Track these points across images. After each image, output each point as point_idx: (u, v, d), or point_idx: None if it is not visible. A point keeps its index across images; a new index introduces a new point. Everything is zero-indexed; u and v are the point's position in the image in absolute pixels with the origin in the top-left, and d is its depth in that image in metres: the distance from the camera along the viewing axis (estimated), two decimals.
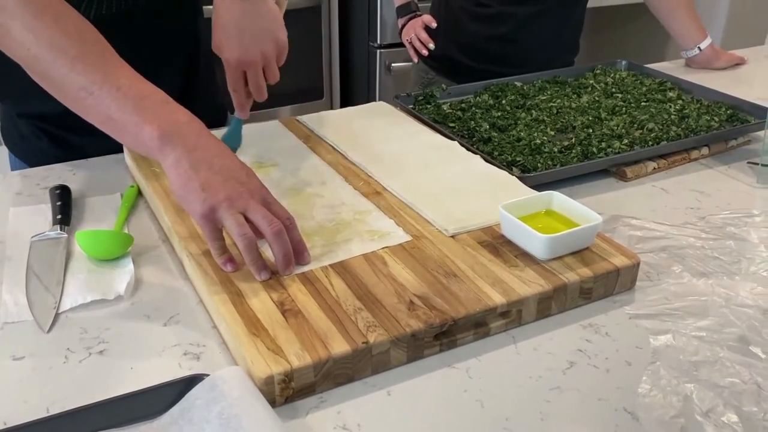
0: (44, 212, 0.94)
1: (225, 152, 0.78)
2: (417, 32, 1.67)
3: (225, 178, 0.75)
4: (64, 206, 0.93)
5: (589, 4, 1.70)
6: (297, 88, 2.82)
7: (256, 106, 1.08)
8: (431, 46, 1.64)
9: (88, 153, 1.12)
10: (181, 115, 0.77)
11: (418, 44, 1.67)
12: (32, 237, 0.87)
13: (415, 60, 1.71)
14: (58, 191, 0.96)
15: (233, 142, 1.02)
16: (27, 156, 1.17)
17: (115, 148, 1.08)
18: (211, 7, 1.00)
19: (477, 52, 1.63)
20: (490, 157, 1.06)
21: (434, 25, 1.65)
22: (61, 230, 0.88)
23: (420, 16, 1.70)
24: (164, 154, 0.75)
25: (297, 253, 0.78)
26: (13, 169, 1.19)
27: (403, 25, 1.75)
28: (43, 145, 1.15)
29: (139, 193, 1.00)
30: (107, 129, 0.78)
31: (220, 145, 0.78)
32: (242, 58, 0.94)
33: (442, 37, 1.67)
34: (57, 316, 0.75)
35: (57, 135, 1.15)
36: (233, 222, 0.74)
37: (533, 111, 1.24)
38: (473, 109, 1.25)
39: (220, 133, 1.14)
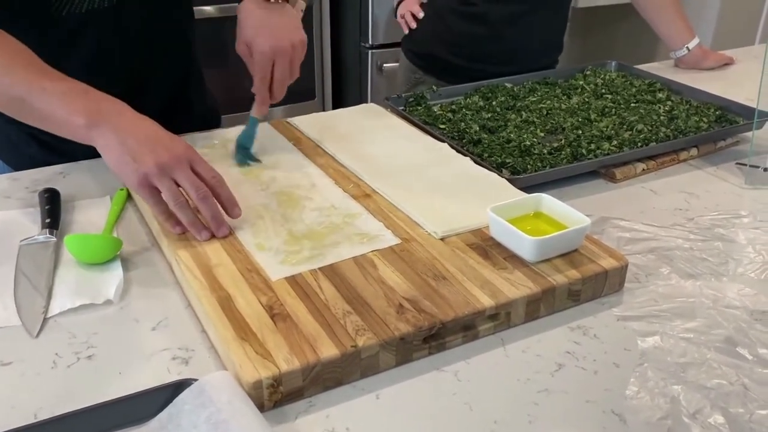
0: (33, 216, 0.94)
1: (146, 123, 0.85)
2: (410, 7, 1.72)
3: (151, 147, 0.81)
4: (53, 210, 0.93)
5: (579, 5, 1.71)
6: (289, 89, 2.81)
7: (248, 107, 1.09)
8: (420, 15, 1.70)
9: (77, 158, 1.12)
10: (102, 101, 0.84)
11: (409, 17, 1.72)
12: (21, 241, 0.87)
13: (406, 31, 1.76)
14: (47, 195, 0.96)
15: (249, 141, 1.06)
16: (16, 163, 1.17)
17: None
18: (202, 7, 1.01)
19: (462, 50, 1.64)
20: (480, 159, 1.06)
21: (421, 14, 1.70)
22: (49, 234, 0.88)
23: None
24: (94, 139, 0.83)
25: (227, 210, 0.85)
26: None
27: (398, 4, 1.79)
28: (33, 151, 1.15)
29: (129, 196, 1.00)
30: (46, 127, 0.86)
31: (141, 119, 0.85)
32: (275, 46, 1.01)
33: (428, 36, 1.69)
34: (45, 320, 0.75)
35: (47, 141, 1.14)
36: (166, 189, 0.81)
37: (523, 112, 1.25)
38: (463, 110, 1.25)
39: (216, 133, 1.15)
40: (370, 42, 2.72)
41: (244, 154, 1.05)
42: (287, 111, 2.75)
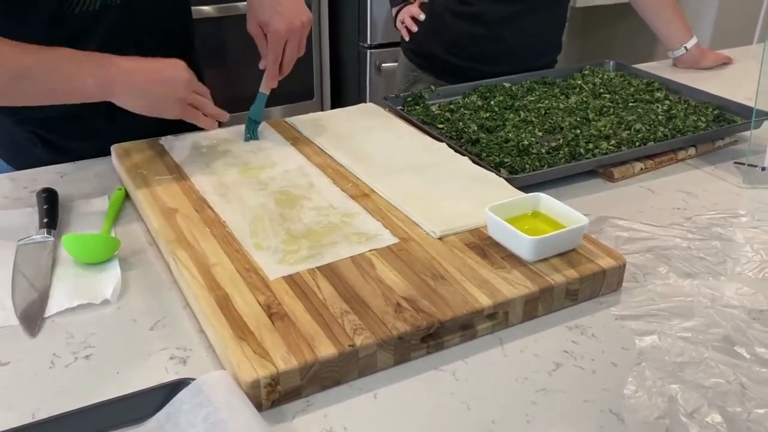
0: (31, 216, 0.94)
1: (151, 66, 0.98)
2: (409, 11, 1.71)
3: (163, 95, 0.98)
4: (51, 210, 0.93)
5: (579, 4, 1.70)
6: (288, 88, 2.79)
7: (247, 106, 1.09)
8: (422, 17, 1.67)
9: (84, 157, 1.12)
10: (105, 60, 0.94)
11: (409, 21, 1.70)
12: (19, 241, 0.87)
13: (407, 38, 1.74)
14: (45, 195, 0.96)
15: (259, 116, 1.14)
16: (20, 164, 1.18)
17: (109, 151, 1.08)
18: (201, 7, 1.03)
19: (460, 50, 1.64)
20: (478, 159, 1.06)
21: (422, 16, 1.68)
22: (47, 234, 0.88)
23: (412, 3, 1.73)
24: (115, 95, 0.95)
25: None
26: None
27: (397, 12, 1.78)
28: (38, 151, 1.16)
29: (127, 196, 1.00)
30: (53, 100, 0.95)
31: (145, 64, 0.98)
32: (290, 25, 1.07)
33: (426, 35, 1.69)
34: (43, 320, 0.75)
35: (52, 140, 1.16)
36: (189, 117, 1.01)
37: (521, 112, 1.25)
38: (462, 110, 1.25)
39: (215, 132, 1.15)
40: (368, 42, 2.71)
41: (255, 128, 1.13)
42: (286, 111, 2.75)
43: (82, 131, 1.14)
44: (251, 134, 1.13)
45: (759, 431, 0.63)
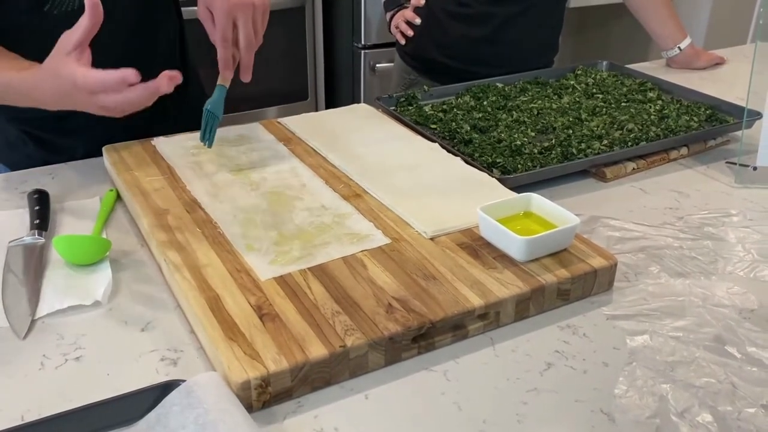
0: (22, 217, 0.94)
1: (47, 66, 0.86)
2: (404, 16, 1.71)
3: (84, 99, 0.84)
4: (42, 211, 0.92)
5: (573, 5, 1.71)
6: (281, 89, 2.82)
7: (241, 107, 1.08)
8: (417, 21, 1.67)
9: (75, 156, 1.12)
10: (61, 86, 0.86)
11: (404, 26, 1.70)
12: (9, 242, 0.86)
13: (402, 42, 1.73)
14: (36, 196, 0.95)
15: (218, 110, 1.01)
16: (13, 162, 1.18)
17: (101, 149, 1.08)
18: (193, 8, 1.02)
19: (457, 52, 1.64)
20: (470, 159, 1.06)
21: (417, 21, 1.67)
22: (38, 235, 0.87)
23: (407, 7, 1.73)
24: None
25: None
26: None
27: (392, 17, 1.77)
28: (29, 150, 1.16)
29: (119, 197, 0.99)
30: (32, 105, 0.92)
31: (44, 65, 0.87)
32: (232, 2, 0.95)
33: (423, 38, 1.68)
34: (33, 322, 0.75)
35: (45, 138, 1.16)
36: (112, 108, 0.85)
37: (514, 112, 1.25)
38: (455, 110, 1.25)
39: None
40: (362, 42, 2.71)
41: (213, 124, 1.01)
42: (280, 111, 2.75)
43: (71, 127, 1.13)
44: (208, 134, 1.01)
45: (749, 430, 0.63)
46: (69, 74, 0.83)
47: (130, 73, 0.81)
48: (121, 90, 0.82)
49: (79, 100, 0.84)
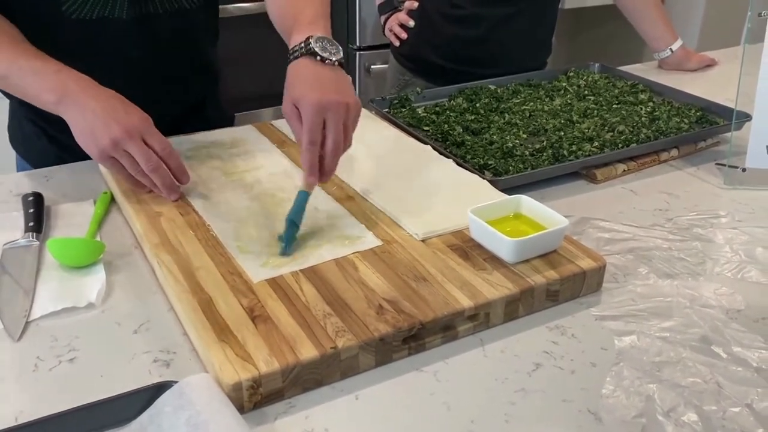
0: (16, 220, 0.94)
1: (105, 96, 0.91)
2: (398, 18, 1.71)
3: (106, 122, 0.88)
4: (37, 213, 0.93)
5: (567, 6, 1.72)
6: (278, 90, 2.81)
7: (238, 108, 1.08)
8: (411, 24, 1.68)
9: (85, 155, 1.13)
10: (69, 79, 0.92)
11: (398, 29, 1.71)
12: (3, 245, 0.87)
13: (397, 44, 1.74)
14: (30, 198, 0.96)
15: (299, 217, 0.86)
16: (29, 156, 1.21)
17: None
18: (227, 6, 1.01)
19: (451, 53, 1.65)
20: (462, 161, 1.07)
21: (411, 23, 1.68)
22: (32, 238, 0.88)
23: (401, 10, 1.74)
24: (63, 113, 0.91)
25: (177, 178, 0.93)
26: (18, 169, 1.23)
27: (386, 20, 1.78)
28: (43, 144, 1.18)
29: (113, 199, 1.00)
30: (27, 101, 0.95)
31: (102, 92, 0.91)
32: (327, 100, 0.86)
33: (417, 39, 1.69)
34: (27, 324, 0.75)
35: (55, 136, 1.17)
36: (125, 161, 0.90)
37: (506, 114, 1.26)
38: (447, 112, 1.26)
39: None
40: (357, 43, 2.72)
41: (293, 232, 0.85)
42: (273, 113, 2.75)
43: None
44: (287, 243, 0.83)
45: (733, 429, 0.64)
46: (137, 112, 0.90)
47: (183, 174, 0.93)
48: (154, 161, 0.89)
49: (102, 119, 0.88)
